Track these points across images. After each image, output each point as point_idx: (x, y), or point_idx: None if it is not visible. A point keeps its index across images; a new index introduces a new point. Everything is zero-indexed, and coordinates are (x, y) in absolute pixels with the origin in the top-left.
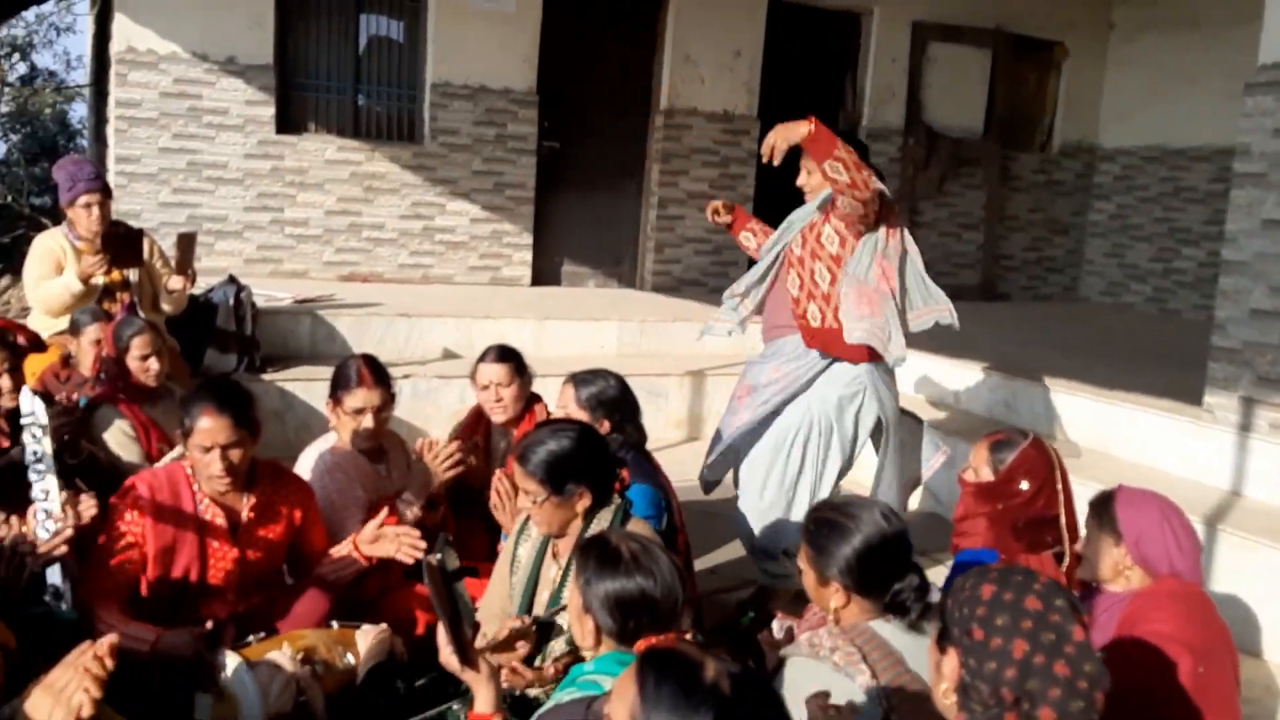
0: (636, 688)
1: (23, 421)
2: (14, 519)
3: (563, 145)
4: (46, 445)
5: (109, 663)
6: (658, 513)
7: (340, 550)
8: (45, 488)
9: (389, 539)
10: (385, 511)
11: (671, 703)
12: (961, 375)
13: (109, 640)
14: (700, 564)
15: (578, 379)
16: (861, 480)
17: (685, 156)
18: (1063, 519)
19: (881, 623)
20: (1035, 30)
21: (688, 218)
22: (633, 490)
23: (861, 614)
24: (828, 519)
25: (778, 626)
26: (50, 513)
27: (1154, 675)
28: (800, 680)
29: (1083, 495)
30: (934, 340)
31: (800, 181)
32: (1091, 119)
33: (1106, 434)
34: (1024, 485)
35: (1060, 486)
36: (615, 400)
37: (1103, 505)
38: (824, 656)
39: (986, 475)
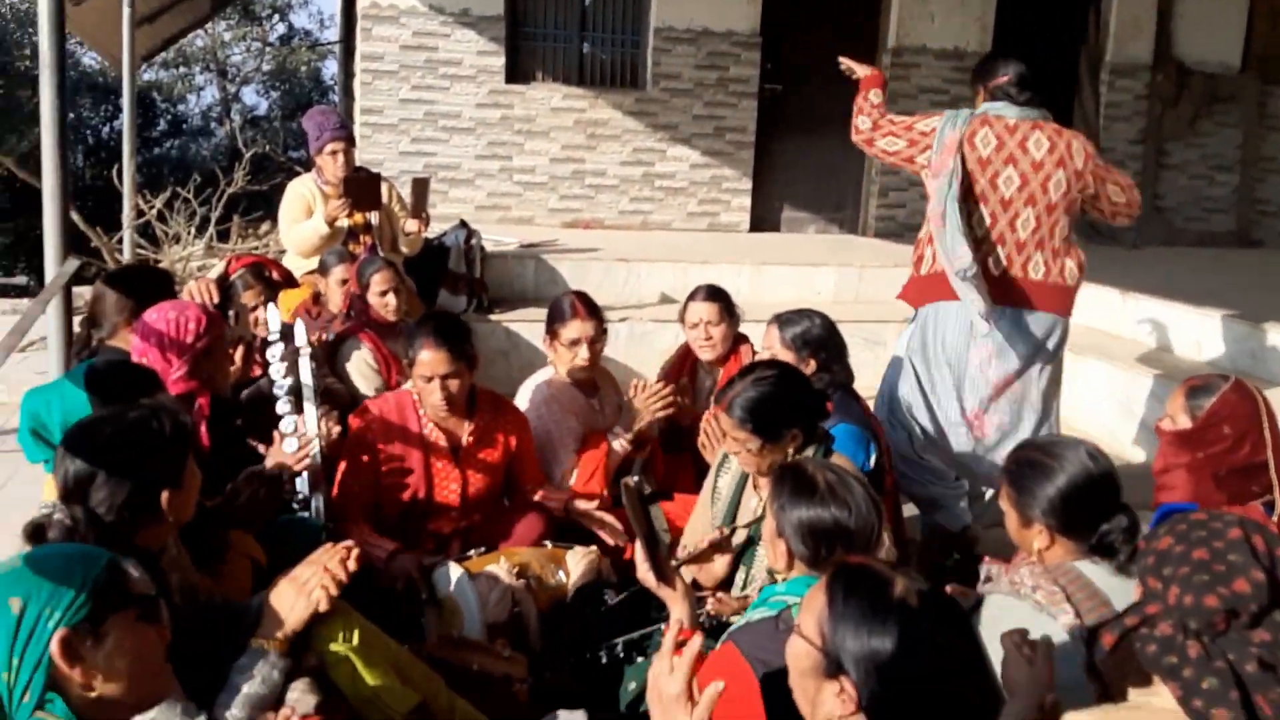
0: (825, 600)
1: (270, 339)
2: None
3: (785, 88)
4: (306, 375)
5: (352, 566)
6: (865, 453)
7: (559, 495)
8: (289, 410)
9: (596, 520)
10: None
11: (859, 615)
12: (1202, 323)
13: (354, 550)
14: (909, 509)
15: (782, 319)
16: None
17: (913, 97)
18: (1271, 466)
19: (1088, 563)
20: None
21: None
22: (839, 430)
23: (1066, 554)
24: (1030, 459)
25: (984, 571)
26: (295, 431)
27: None
28: (999, 617)
29: None
30: (1173, 287)
31: None
32: None
33: None
34: (1225, 431)
35: (1268, 431)
36: (821, 339)
37: None
38: (1025, 594)
39: (1184, 423)
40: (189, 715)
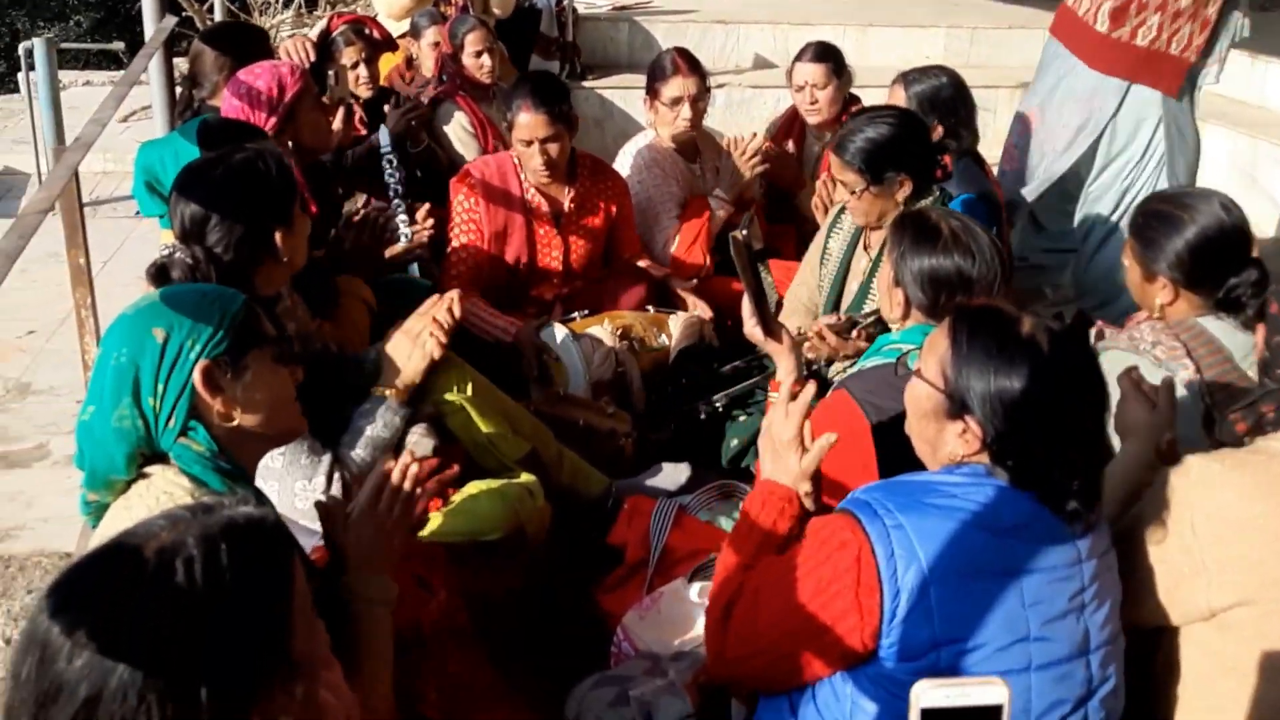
0: (949, 340)
1: (382, 150)
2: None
3: None
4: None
5: (457, 312)
6: (992, 227)
7: (659, 270)
8: (401, 201)
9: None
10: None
11: (985, 354)
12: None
13: (453, 295)
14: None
15: (908, 77)
16: None
17: None
18: None
19: (1212, 319)
20: None
21: None
22: (966, 199)
23: (1190, 310)
24: (1159, 211)
25: (1095, 335)
26: (406, 221)
27: None
28: (1116, 371)
29: None
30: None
31: None
32: None
33: None
34: None
35: None
36: (950, 100)
37: None
38: (1145, 350)
39: None
40: (315, 453)
